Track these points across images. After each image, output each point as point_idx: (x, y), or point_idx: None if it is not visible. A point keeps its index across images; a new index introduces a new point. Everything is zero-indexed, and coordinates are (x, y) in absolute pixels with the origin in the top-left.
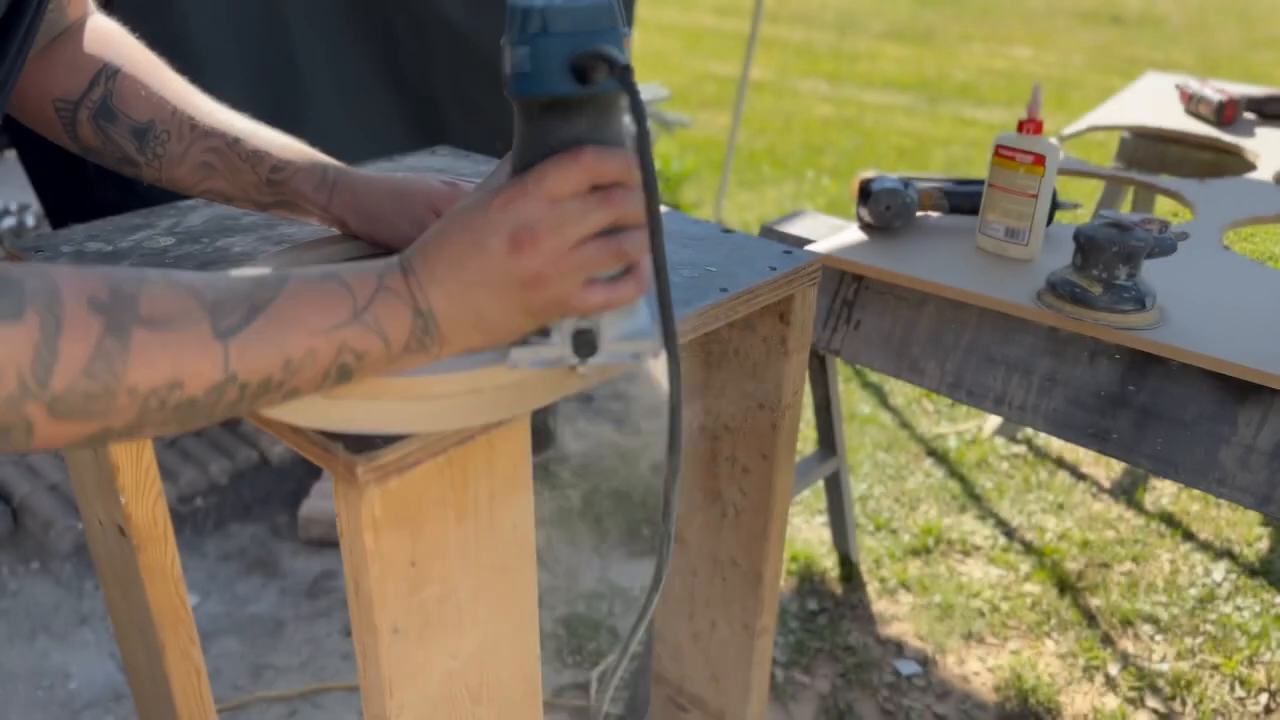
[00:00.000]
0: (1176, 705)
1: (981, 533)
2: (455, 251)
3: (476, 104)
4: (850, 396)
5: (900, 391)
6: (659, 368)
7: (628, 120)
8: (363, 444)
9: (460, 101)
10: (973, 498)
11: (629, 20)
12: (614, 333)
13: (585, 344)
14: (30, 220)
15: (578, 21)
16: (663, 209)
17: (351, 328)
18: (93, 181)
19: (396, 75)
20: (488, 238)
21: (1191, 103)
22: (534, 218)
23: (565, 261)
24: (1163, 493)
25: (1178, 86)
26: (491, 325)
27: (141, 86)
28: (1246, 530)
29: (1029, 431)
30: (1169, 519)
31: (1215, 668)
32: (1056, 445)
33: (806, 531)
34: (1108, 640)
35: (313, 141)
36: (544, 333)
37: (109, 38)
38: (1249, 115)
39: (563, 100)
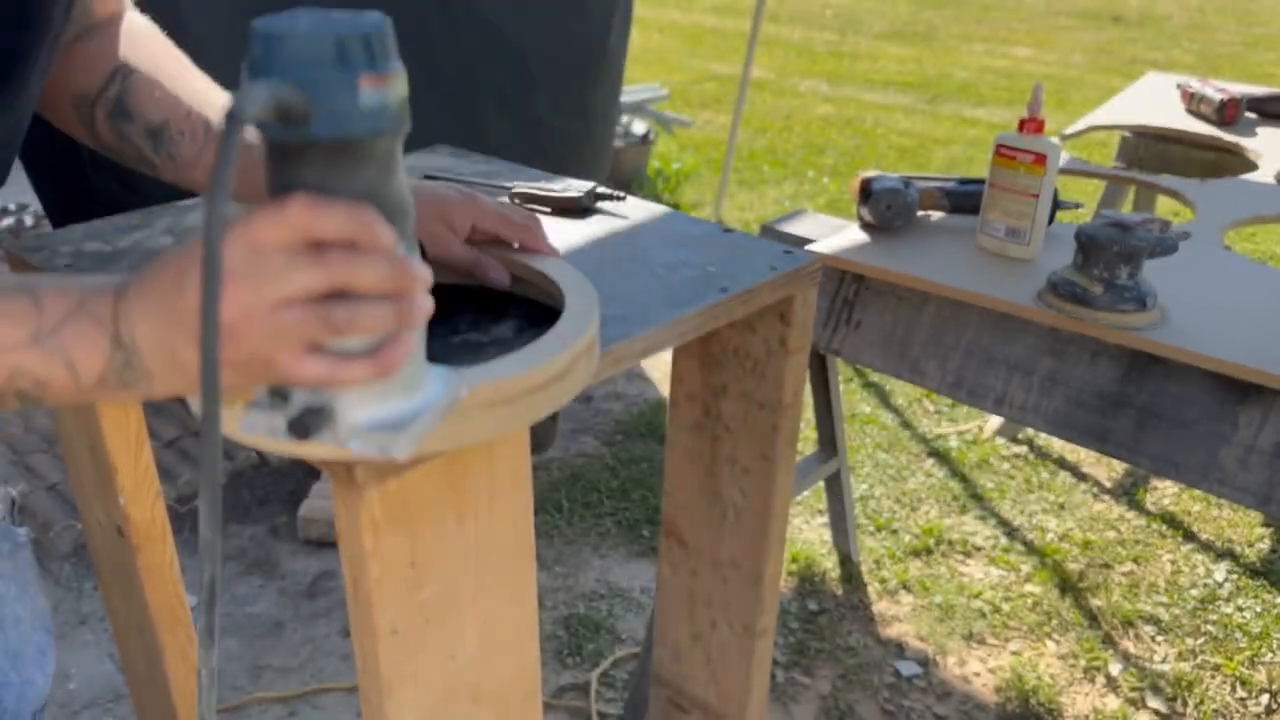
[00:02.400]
0: (1178, 706)
1: (982, 533)
2: (163, 284)
3: (510, 99)
4: (851, 396)
5: (901, 391)
6: (657, 367)
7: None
8: None
9: (495, 96)
10: (974, 498)
11: (619, 25)
12: (365, 416)
13: (300, 424)
14: (29, 220)
15: (291, 53)
16: (657, 210)
17: (28, 351)
18: (89, 174)
19: (431, 71)
20: (189, 275)
21: (1193, 102)
22: (231, 264)
23: (263, 321)
24: (1164, 493)
25: (1179, 86)
26: (195, 374)
27: (157, 86)
28: (1248, 531)
29: (1030, 432)
30: (1170, 519)
31: (1216, 668)
32: (1058, 446)
33: (807, 532)
34: (1109, 641)
35: None
36: (284, 396)
37: (135, 36)
38: (1250, 115)
39: (278, 141)
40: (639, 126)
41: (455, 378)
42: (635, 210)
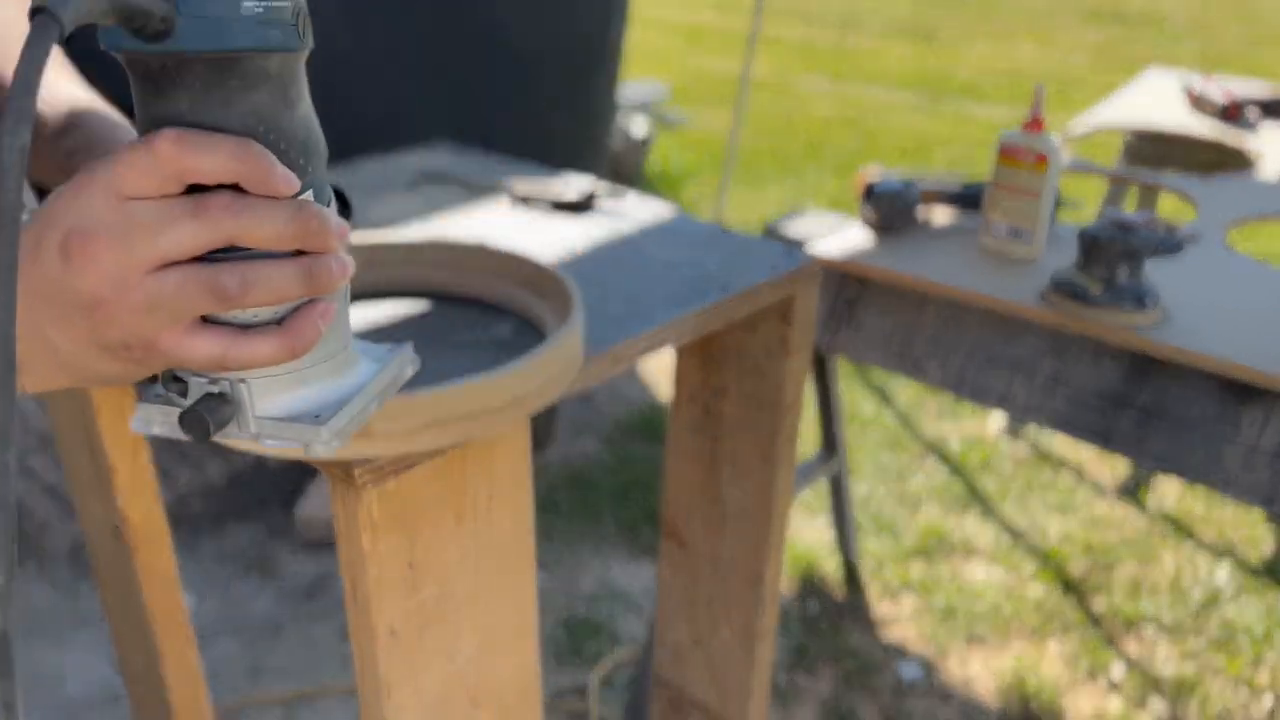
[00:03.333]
0: (1180, 708)
1: (984, 534)
2: (24, 249)
3: (507, 96)
4: (852, 397)
5: (902, 392)
6: (657, 367)
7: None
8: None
9: (492, 93)
10: (975, 499)
11: (615, 23)
12: (280, 405)
13: (195, 417)
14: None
15: None
16: (657, 209)
17: None
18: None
19: (429, 69)
20: (46, 235)
21: (1197, 101)
22: (93, 219)
23: (136, 290)
24: (1166, 494)
25: (1183, 85)
26: (69, 361)
27: None
28: (1250, 531)
29: (1032, 433)
30: (1172, 520)
31: (1219, 670)
32: (1059, 446)
33: (808, 533)
34: (1111, 642)
35: (351, 134)
36: (183, 383)
37: None
38: (1253, 113)
39: (140, 59)
40: (638, 126)
41: (399, 354)
42: (635, 209)
